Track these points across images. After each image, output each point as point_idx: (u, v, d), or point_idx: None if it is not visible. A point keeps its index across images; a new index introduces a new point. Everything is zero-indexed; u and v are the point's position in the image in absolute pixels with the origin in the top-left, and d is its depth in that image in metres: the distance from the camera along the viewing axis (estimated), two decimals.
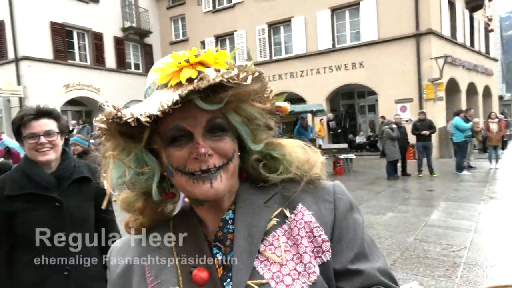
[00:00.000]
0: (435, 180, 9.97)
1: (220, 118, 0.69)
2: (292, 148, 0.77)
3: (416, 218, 6.09)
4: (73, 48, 17.69)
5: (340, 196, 0.74)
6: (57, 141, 1.70)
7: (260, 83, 0.70)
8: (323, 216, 0.71)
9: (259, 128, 0.74)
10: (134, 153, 0.70)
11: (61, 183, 1.69)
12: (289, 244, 0.70)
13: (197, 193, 0.68)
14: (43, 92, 15.63)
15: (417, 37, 14.80)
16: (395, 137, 10.12)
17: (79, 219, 1.69)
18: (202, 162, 0.67)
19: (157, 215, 0.79)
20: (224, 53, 0.69)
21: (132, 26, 19.88)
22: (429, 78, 14.59)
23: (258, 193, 0.75)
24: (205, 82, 0.62)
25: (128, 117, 0.61)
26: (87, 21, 17.86)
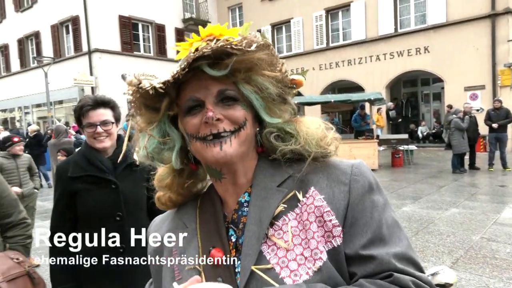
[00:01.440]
0: (509, 175, 9.08)
1: (231, 90, 0.72)
2: (308, 125, 0.77)
3: (484, 215, 5.61)
4: (138, 40, 18.74)
5: (357, 177, 0.71)
6: (113, 129, 1.82)
7: (266, 51, 0.72)
8: (335, 200, 0.69)
9: (273, 99, 0.75)
10: (157, 123, 0.77)
11: (117, 167, 1.81)
12: (299, 229, 0.69)
13: (209, 156, 0.72)
14: (111, 82, 16.84)
15: (493, 17, 13.40)
16: (464, 128, 9.35)
17: (133, 200, 1.80)
18: (212, 126, 0.71)
19: (184, 190, 0.83)
20: (235, 30, 0.74)
21: (192, 17, 20.51)
22: (506, 63, 13.19)
23: (273, 175, 0.75)
24: (208, 47, 0.67)
25: (147, 86, 0.69)
26: (151, 13, 18.78)
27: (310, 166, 0.73)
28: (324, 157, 0.75)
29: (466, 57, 13.99)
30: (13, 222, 1.82)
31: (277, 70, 0.75)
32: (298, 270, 0.66)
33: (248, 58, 0.70)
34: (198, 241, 0.77)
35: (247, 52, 0.69)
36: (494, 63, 13.50)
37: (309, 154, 0.74)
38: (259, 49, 0.71)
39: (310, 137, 0.75)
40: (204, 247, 0.75)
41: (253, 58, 0.70)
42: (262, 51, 0.71)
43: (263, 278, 0.67)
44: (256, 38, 0.72)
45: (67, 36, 18.50)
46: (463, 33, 14.05)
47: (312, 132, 0.75)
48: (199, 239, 0.77)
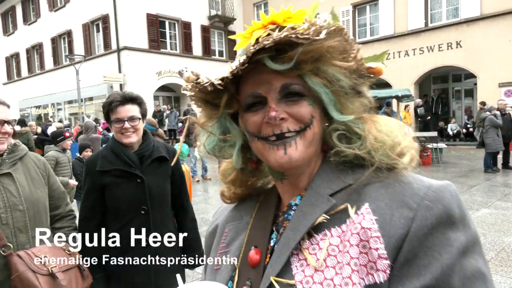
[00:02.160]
0: None
1: (297, 84, 0.65)
2: (381, 126, 0.65)
3: None
4: (165, 38, 19.07)
5: (430, 204, 0.55)
6: (139, 125, 1.88)
7: (339, 38, 0.63)
8: (391, 226, 0.55)
9: (345, 92, 0.66)
10: (217, 119, 0.73)
11: (143, 162, 1.87)
12: (338, 249, 0.59)
13: (271, 160, 0.66)
14: (139, 79, 17.28)
15: None
16: (500, 125, 8.96)
17: (158, 194, 1.86)
18: (275, 126, 0.64)
19: (247, 188, 0.81)
20: (302, 11, 0.66)
21: (217, 14, 20.65)
22: None
23: (331, 181, 0.66)
24: (270, 39, 0.59)
25: (205, 81, 0.64)
26: (177, 11, 19.06)
27: (372, 177, 0.62)
28: (391, 169, 0.62)
29: (501, 52, 13.36)
30: (62, 214, 1.88)
31: (351, 58, 0.66)
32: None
33: (316, 47, 0.61)
34: (246, 236, 0.74)
35: (315, 41, 0.60)
36: None
37: (372, 163, 0.63)
38: (330, 36, 0.62)
39: (379, 143, 0.63)
40: (248, 243, 0.72)
41: (322, 47, 0.62)
42: (333, 38, 0.62)
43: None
44: (326, 23, 0.63)
45: (97, 35, 19.08)
46: (498, 26, 13.42)
47: (382, 138, 0.64)
48: (247, 234, 0.74)
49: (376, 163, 0.62)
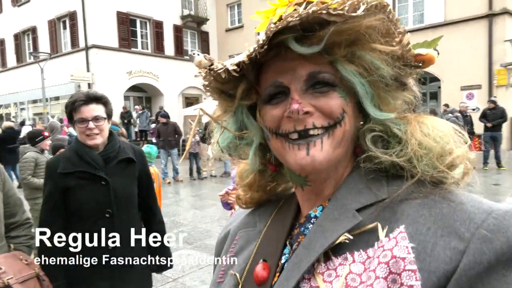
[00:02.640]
0: (503, 174, 9.16)
1: (327, 72, 0.54)
2: (428, 130, 0.53)
3: None
4: (136, 36, 18.67)
5: (489, 234, 0.43)
6: (104, 125, 1.84)
7: (381, 16, 0.51)
8: (433, 258, 0.44)
9: (386, 83, 0.54)
10: (233, 113, 0.63)
11: (108, 163, 1.83)
12: (360, 279, 0.48)
13: (291, 161, 0.56)
14: (108, 79, 16.81)
15: (490, 17, 13.44)
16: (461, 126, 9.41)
17: (124, 196, 1.82)
18: (297, 122, 0.54)
19: (265, 193, 0.71)
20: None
21: (190, 13, 20.44)
22: (502, 62, 13.24)
23: (360, 193, 0.54)
24: (295, 15, 0.48)
25: (219, 67, 0.55)
26: (149, 9, 18.70)
27: (412, 192, 0.50)
28: (437, 184, 0.51)
29: (463, 57, 14.03)
30: (18, 222, 1.80)
31: (395, 43, 0.54)
32: None
33: (352, 27, 0.50)
34: (255, 247, 0.64)
35: (350, 19, 0.49)
36: (490, 62, 13.54)
37: (413, 174, 0.52)
38: (370, 13, 0.50)
39: (423, 149, 0.52)
40: (256, 255, 0.62)
41: (359, 26, 0.50)
42: (373, 16, 0.50)
43: None
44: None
45: (64, 32, 18.40)
46: (461, 32, 14.08)
47: (429, 143, 0.52)
48: (258, 244, 0.64)
49: (418, 175, 0.51)
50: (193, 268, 4.15)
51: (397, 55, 0.55)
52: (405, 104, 0.59)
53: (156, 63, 19.02)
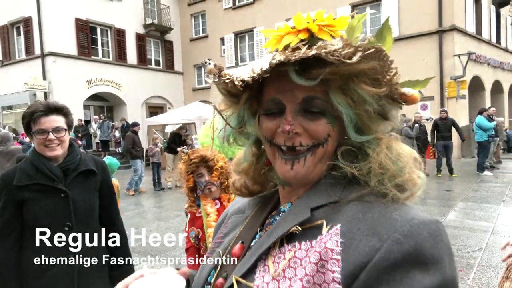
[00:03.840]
0: (455, 180, 9.73)
1: (320, 98, 0.62)
2: (392, 153, 0.61)
3: None
4: (96, 44, 18.14)
5: (401, 238, 0.52)
6: (65, 137, 1.78)
7: (374, 62, 0.58)
8: (354, 251, 0.53)
9: (369, 116, 0.62)
10: (236, 112, 0.72)
11: (67, 175, 1.77)
12: (300, 262, 0.58)
13: (278, 171, 0.67)
14: (66, 87, 16.15)
15: (440, 33, 14.41)
16: (413, 136, 9.93)
17: (84, 209, 1.77)
18: (287, 139, 0.64)
19: (261, 178, 0.78)
20: (344, 20, 0.62)
21: (153, 22, 20.20)
22: (452, 75, 14.19)
23: (320, 195, 0.63)
24: (296, 55, 0.56)
25: (226, 78, 0.62)
26: (110, 17, 18.27)
27: (359, 199, 0.59)
28: (383, 196, 0.59)
29: (417, 70, 14.81)
30: None
31: (385, 81, 0.61)
32: None
33: (346, 69, 0.57)
34: (239, 231, 0.76)
35: (345, 64, 0.56)
36: (441, 76, 14.46)
37: (368, 185, 0.60)
38: (365, 59, 0.56)
39: (381, 169, 0.60)
40: (238, 237, 0.75)
41: (353, 70, 0.57)
42: (367, 63, 0.57)
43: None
44: (365, 43, 0.57)
45: (18, 38, 17.52)
46: (414, 47, 14.95)
47: (388, 165, 0.60)
48: (241, 229, 0.76)
49: (369, 187, 0.60)
50: None
51: (385, 94, 0.61)
52: (388, 129, 0.67)
53: (118, 71, 18.55)
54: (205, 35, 21.26)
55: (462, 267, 4.06)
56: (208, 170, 2.11)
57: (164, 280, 0.68)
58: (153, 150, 10.44)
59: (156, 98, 20.57)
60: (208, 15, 21.02)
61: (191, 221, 2.23)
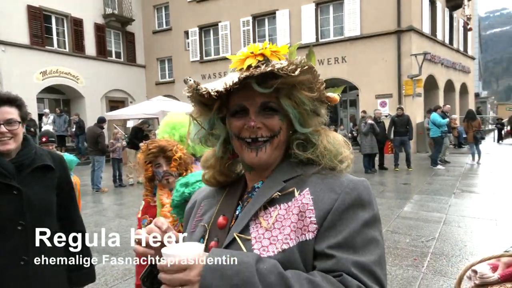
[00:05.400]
0: (411, 174, 10.23)
1: (273, 102, 0.86)
2: (329, 139, 0.89)
3: (389, 211, 6.25)
4: (51, 34, 17.17)
5: (349, 190, 0.81)
6: (18, 130, 1.66)
7: (309, 75, 0.85)
8: (322, 202, 0.79)
9: (308, 113, 0.88)
10: (207, 118, 0.92)
11: (21, 171, 1.66)
12: (284, 217, 0.81)
13: (245, 158, 0.88)
14: (18, 79, 15.16)
15: (398, 33, 15.01)
16: (366, 132, 10.29)
17: (39, 207, 1.67)
18: (252, 132, 0.86)
19: (226, 170, 0.98)
20: (284, 48, 0.89)
21: (113, 13, 19.41)
22: (409, 74, 14.86)
23: (286, 172, 0.88)
24: (258, 71, 0.80)
25: (203, 90, 0.82)
26: (66, 6, 17.34)
27: (317, 172, 0.86)
28: (332, 169, 0.86)
29: (377, 68, 15.43)
30: None
31: (316, 89, 0.88)
32: (268, 247, 0.78)
33: (291, 80, 0.82)
34: (216, 209, 0.95)
35: (290, 76, 0.81)
36: (399, 74, 15.10)
37: (319, 164, 0.87)
38: (303, 73, 0.82)
39: (326, 151, 0.88)
40: (218, 212, 0.94)
41: (295, 80, 0.83)
42: (304, 75, 0.83)
43: (239, 245, 0.81)
44: (301, 63, 0.84)
45: None
46: (374, 46, 15.48)
47: (330, 147, 0.88)
48: (217, 208, 0.95)
49: (322, 164, 0.87)
50: (118, 280, 3.93)
51: (316, 97, 0.88)
52: (321, 123, 0.93)
53: (76, 63, 17.69)
54: (168, 27, 20.77)
55: (417, 256, 4.29)
56: (167, 160, 2.11)
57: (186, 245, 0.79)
58: (114, 145, 10.09)
59: (117, 91, 19.85)
60: (172, 7, 20.52)
61: (145, 208, 2.24)
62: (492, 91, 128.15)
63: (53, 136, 4.44)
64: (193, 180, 1.74)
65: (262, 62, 0.83)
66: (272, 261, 0.73)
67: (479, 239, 4.87)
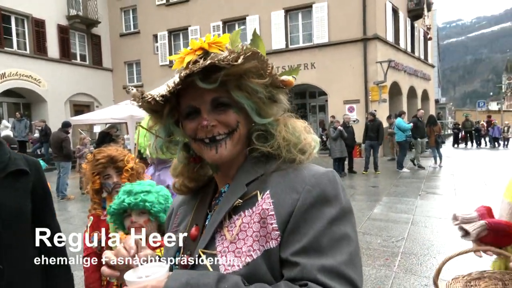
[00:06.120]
0: (379, 177, 10.57)
1: (224, 97, 0.79)
2: (288, 128, 0.82)
3: (360, 213, 6.43)
4: (10, 35, 16.34)
5: (310, 188, 0.73)
6: None
7: (254, 61, 0.76)
8: (282, 206, 0.73)
9: (263, 102, 0.81)
10: (162, 125, 0.87)
11: None
12: (248, 225, 0.75)
13: (206, 157, 0.83)
14: None
15: (364, 41, 15.55)
16: (335, 137, 10.55)
17: (11, 213, 1.57)
18: (208, 132, 0.80)
19: (195, 175, 0.93)
20: (225, 36, 0.81)
21: (78, 14, 18.79)
22: (374, 81, 15.41)
23: (249, 172, 0.81)
24: (197, 66, 0.72)
25: (148, 97, 0.76)
26: (27, 6, 16.59)
27: (278, 169, 0.79)
28: (293, 162, 0.79)
29: (345, 74, 15.89)
30: None
31: (267, 74, 0.79)
32: (233, 261, 0.73)
33: (236, 70, 0.75)
34: (191, 217, 0.90)
35: (234, 66, 0.73)
36: (366, 80, 15.64)
37: (280, 156, 0.80)
38: (247, 60, 0.74)
39: (285, 141, 0.80)
40: (191, 222, 0.89)
41: (240, 69, 0.75)
42: (249, 61, 0.75)
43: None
44: (244, 49, 0.75)
45: None
46: (342, 53, 15.95)
47: (289, 137, 0.81)
48: (192, 215, 0.90)
49: (282, 157, 0.80)
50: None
51: (269, 83, 0.81)
52: (282, 111, 0.87)
53: (37, 65, 16.92)
54: (136, 30, 20.37)
55: (388, 256, 4.44)
56: (117, 171, 1.97)
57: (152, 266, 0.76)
58: (82, 150, 9.71)
59: (82, 95, 19.16)
60: (140, 10, 20.15)
61: (94, 224, 2.01)
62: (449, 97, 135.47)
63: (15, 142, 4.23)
64: (138, 189, 1.59)
65: (201, 57, 0.76)
66: (235, 278, 0.68)
67: (445, 238, 5.10)
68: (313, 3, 16.35)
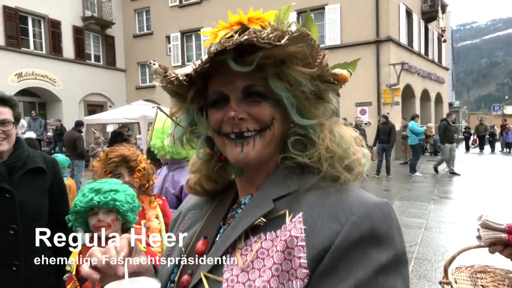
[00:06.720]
0: (391, 181, 10.44)
1: (259, 85, 0.65)
2: (335, 136, 0.66)
3: None
4: (27, 35, 16.66)
5: (358, 220, 0.57)
6: (12, 131, 1.61)
7: (302, 44, 0.62)
8: (317, 237, 0.57)
9: (307, 97, 0.66)
10: (185, 110, 0.73)
11: (13, 173, 1.59)
12: (268, 252, 0.60)
13: (229, 155, 0.68)
14: None
15: (377, 43, 15.42)
16: None
17: (32, 210, 1.60)
18: (234, 125, 0.66)
19: (215, 175, 0.79)
20: (271, 13, 0.67)
21: (93, 15, 19.05)
22: (387, 83, 15.25)
23: (279, 185, 0.66)
24: (230, 41, 0.59)
25: (171, 76, 0.65)
26: (43, 7, 16.90)
27: (316, 187, 0.63)
28: (335, 180, 0.63)
29: (357, 77, 15.74)
30: None
31: (316, 64, 0.65)
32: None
33: (277, 53, 0.61)
34: (199, 227, 0.77)
35: (276, 47, 0.60)
36: (378, 83, 15.49)
37: (319, 171, 0.64)
38: (293, 42, 0.61)
39: (329, 153, 0.64)
40: (200, 233, 0.75)
41: (283, 53, 0.61)
42: (296, 44, 0.61)
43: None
44: (291, 28, 0.63)
45: None
46: (355, 55, 15.70)
47: (334, 148, 0.65)
48: (202, 224, 0.77)
49: (322, 172, 0.64)
50: None
51: (317, 74, 0.66)
52: (329, 112, 0.71)
53: (53, 66, 17.21)
54: (149, 32, 20.56)
55: None
56: (129, 170, 1.96)
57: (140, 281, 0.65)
58: (95, 149, 9.84)
59: (96, 95, 19.42)
60: (153, 12, 20.35)
61: None
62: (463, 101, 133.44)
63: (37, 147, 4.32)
64: (107, 188, 1.51)
65: (238, 32, 0.63)
66: None
67: (459, 244, 5.00)
68: (326, 5, 16.28)
